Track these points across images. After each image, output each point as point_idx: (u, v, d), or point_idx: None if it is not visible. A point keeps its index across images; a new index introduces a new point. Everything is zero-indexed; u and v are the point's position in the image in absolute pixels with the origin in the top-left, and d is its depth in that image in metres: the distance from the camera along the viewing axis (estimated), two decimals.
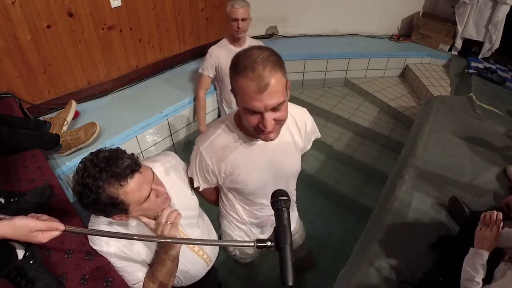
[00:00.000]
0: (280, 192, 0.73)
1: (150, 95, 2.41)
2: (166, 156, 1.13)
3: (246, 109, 0.80)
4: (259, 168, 1.01)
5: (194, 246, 1.13)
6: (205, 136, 1.01)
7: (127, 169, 0.79)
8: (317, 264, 1.79)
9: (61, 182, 1.59)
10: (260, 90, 0.75)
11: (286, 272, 0.63)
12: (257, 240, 0.67)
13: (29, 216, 0.77)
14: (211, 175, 1.03)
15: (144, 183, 0.83)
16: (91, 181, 0.76)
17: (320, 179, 2.37)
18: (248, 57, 0.77)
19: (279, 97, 0.78)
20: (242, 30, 2.07)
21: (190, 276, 1.16)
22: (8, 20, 1.74)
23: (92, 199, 0.77)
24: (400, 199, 1.56)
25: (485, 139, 1.98)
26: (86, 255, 1.03)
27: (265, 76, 0.75)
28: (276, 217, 0.70)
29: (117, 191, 0.78)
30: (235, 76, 0.79)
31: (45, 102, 2.07)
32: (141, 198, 0.83)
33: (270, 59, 0.76)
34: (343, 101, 3.11)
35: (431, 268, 1.28)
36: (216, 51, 2.17)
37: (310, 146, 1.18)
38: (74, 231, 0.84)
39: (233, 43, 2.19)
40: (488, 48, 3.02)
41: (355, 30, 3.64)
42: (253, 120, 0.82)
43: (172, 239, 0.89)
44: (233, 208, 1.18)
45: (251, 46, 0.80)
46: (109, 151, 0.82)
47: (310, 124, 1.09)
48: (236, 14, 2.01)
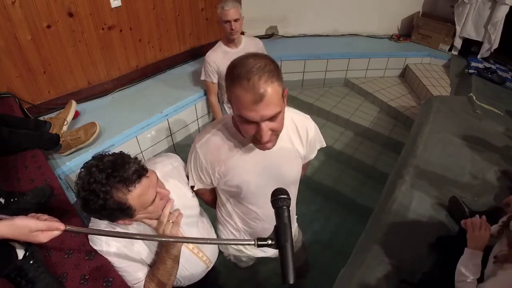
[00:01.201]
0: (280, 190, 0.73)
1: (150, 95, 2.41)
2: (169, 158, 1.12)
3: (242, 118, 0.79)
4: (254, 172, 0.99)
5: (193, 247, 1.13)
6: (201, 134, 1.01)
7: (135, 174, 0.79)
8: (317, 264, 1.79)
9: (61, 182, 1.60)
10: (256, 101, 0.74)
11: (287, 270, 0.62)
12: (257, 238, 0.66)
13: (29, 216, 0.77)
14: (205, 175, 1.02)
15: (150, 187, 0.83)
16: (98, 187, 0.75)
17: (320, 179, 2.37)
18: (243, 66, 0.75)
19: (275, 108, 0.77)
20: (236, 31, 2.07)
21: (189, 277, 1.16)
22: (8, 20, 1.74)
23: (99, 205, 0.77)
24: (400, 199, 1.56)
25: (485, 139, 1.98)
26: (86, 255, 1.03)
27: (260, 87, 0.73)
28: (276, 215, 0.70)
29: (125, 196, 0.78)
30: (230, 85, 0.77)
31: (45, 102, 2.07)
32: (148, 202, 0.84)
33: (266, 69, 0.74)
34: (343, 101, 3.11)
35: (431, 268, 1.28)
36: (212, 57, 2.17)
37: (315, 155, 1.15)
38: (75, 230, 0.84)
39: (228, 44, 2.20)
40: (487, 48, 3.02)
41: (355, 30, 3.64)
42: (249, 130, 0.81)
43: (173, 238, 0.89)
44: (228, 214, 1.17)
45: (247, 54, 0.79)
46: (114, 156, 0.81)
47: (312, 132, 1.06)
48: (228, 16, 2.01)
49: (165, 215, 0.89)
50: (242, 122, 0.81)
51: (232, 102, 0.81)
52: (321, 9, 3.44)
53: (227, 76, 0.80)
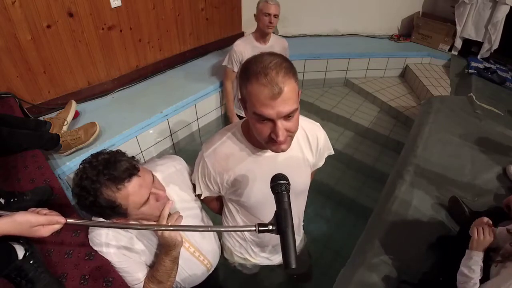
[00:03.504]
0: (279, 176, 0.72)
1: (150, 95, 2.41)
2: (172, 160, 1.12)
3: (258, 116, 0.75)
4: (263, 182, 0.92)
5: (194, 251, 1.11)
6: (209, 142, 0.98)
7: (125, 172, 0.78)
8: (317, 264, 1.79)
9: (61, 182, 1.60)
10: (273, 96, 0.71)
11: (288, 255, 0.62)
12: (258, 224, 0.66)
13: (29, 211, 0.77)
14: (213, 184, 1.00)
15: (143, 187, 0.82)
16: (89, 184, 0.76)
17: (320, 179, 2.37)
18: (260, 62, 0.73)
19: (292, 104, 0.74)
20: (272, 26, 2.16)
21: (190, 280, 1.15)
22: (8, 20, 1.74)
23: (90, 202, 0.77)
24: (400, 199, 1.56)
25: (485, 139, 1.98)
26: (86, 255, 1.03)
27: (278, 82, 0.71)
28: (276, 201, 0.69)
29: (115, 195, 0.78)
30: (246, 82, 0.75)
31: (45, 102, 2.07)
32: (140, 202, 0.82)
33: (283, 65, 0.73)
34: (343, 101, 3.11)
35: (431, 268, 1.28)
36: (241, 47, 2.22)
37: (323, 163, 1.13)
38: (76, 223, 0.85)
39: (259, 40, 2.26)
40: (487, 49, 3.02)
41: (355, 30, 3.64)
42: (264, 130, 0.77)
43: (174, 227, 0.88)
44: (235, 222, 1.13)
45: (262, 53, 0.77)
46: (109, 154, 0.81)
47: (322, 140, 1.03)
48: (270, 9, 2.11)
49: (164, 217, 0.88)
50: (257, 121, 0.77)
51: (246, 101, 0.78)
52: (321, 9, 3.44)
53: (242, 73, 0.77)
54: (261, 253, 1.22)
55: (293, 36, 3.57)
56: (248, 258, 1.25)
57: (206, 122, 2.67)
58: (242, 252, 1.24)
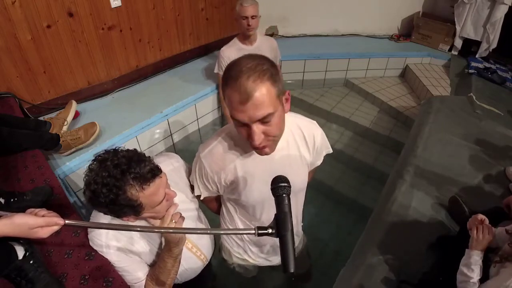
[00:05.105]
0: (280, 178, 0.71)
1: (150, 95, 2.41)
2: (170, 158, 1.12)
3: (234, 120, 0.76)
4: (260, 180, 0.95)
5: (192, 246, 1.12)
6: (206, 143, 0.99)
7: (150, 173, 0.80)
8: (317, 264, 1.79)
9: (61, 182, 1.60)
10: (242, 101, 0.71)
11: (287, 259, 0.62)
12: (257, 227, 0.65)
13: (27, 212, 0.76)
14: (211, 183, 1.00)
15: (161, 187, 0.84)
16: (112, 181, 0.75)
17: (320, 179, 2.37)
18: (236, 65, 0.73)
19: (265, 109, 0.72)
20: (252, 28, 2.12)
21: (186, 275, 1.16)
22: (8, 20, 1.74)
23: (110, 199, 0.77)
24: (400, 199, 1.56)
25: (485, 139, 1.98)
26: (86, 255, 1.03)
27: (247, 87, 0.70)
28: (276, 204, 0.69)
29: (138, 194, 0.79)
30: (224, 86, 0.75)
31: (45, 102, 2.07)
32: (157, 201, 0.84)
33: (257, 68, 0.71)
34: (343, 101, 3.11)
35: (431, 268, 1.28)
36: (227, 52, 2.23)
37: (321, 161, 1.13)
38: (74, 224, 0.84)
39: (244, 41, 2.25)
40: (485, 48, 3.02)
41: (355, 30, 3.64)
42: (243, 132, 0.78)
43: (173, 229, 0.89)
44: (233, 222, 1.13)
45: (242, 56, 0.76)
46: (128, 152, 0.81)
47: (319, 138, 1.03)
48: (246, 12, 2.07)
49: (169, 214, 0.90)
50: (236, 125, 0.78)
51: (227, 104, 0.79)
52: (321, 9, 3.44)
53: (222, 77, 0.77)
54: (259, 253, 1.22)
55: (293, 36, 3.57)
56: (247, 259, 1.25)
57: (206, 122, 2.67)
58: (240, 253, 1.24)
